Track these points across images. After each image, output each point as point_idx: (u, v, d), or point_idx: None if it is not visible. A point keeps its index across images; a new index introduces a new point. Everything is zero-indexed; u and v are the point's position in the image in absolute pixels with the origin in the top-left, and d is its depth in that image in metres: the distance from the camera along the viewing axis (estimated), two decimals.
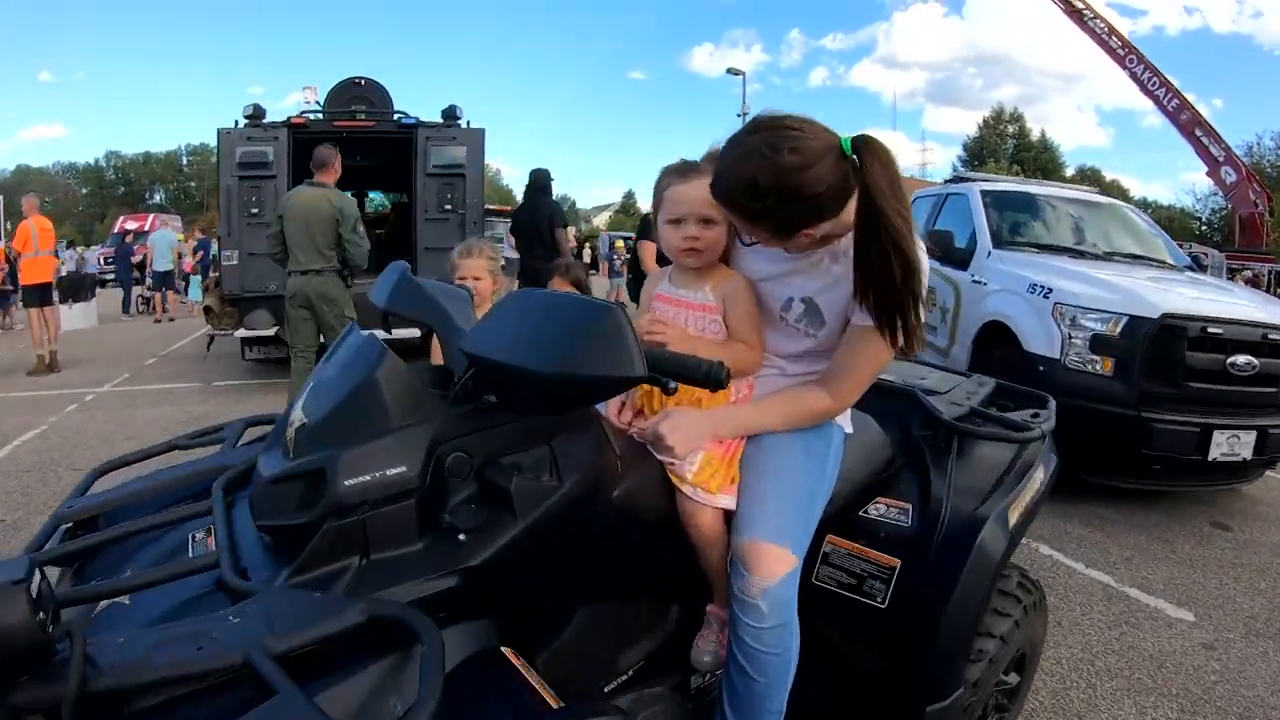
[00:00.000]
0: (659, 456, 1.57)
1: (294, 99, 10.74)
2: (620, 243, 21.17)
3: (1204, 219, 47.96)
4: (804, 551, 1.59)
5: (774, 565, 1.51)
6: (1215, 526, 4.92)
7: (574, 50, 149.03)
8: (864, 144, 1.43)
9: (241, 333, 8.23)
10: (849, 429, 1.81)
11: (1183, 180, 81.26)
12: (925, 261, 1.52)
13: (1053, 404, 2.26)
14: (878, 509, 1.90)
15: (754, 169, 1.40)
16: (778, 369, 1.74)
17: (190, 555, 1.29)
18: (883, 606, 1.80)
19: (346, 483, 1.14)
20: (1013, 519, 1.85)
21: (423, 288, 1.54)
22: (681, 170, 1.70)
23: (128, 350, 11.45)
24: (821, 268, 1.64)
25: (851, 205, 1.47)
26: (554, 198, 7.86)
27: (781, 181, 1.39)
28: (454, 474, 1.25)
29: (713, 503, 1.58)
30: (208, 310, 8.57)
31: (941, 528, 1.79)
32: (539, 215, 7.58)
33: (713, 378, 1.24)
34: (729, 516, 1.61)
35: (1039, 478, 2.02)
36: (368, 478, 1.15)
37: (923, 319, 1.51)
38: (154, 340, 12.68)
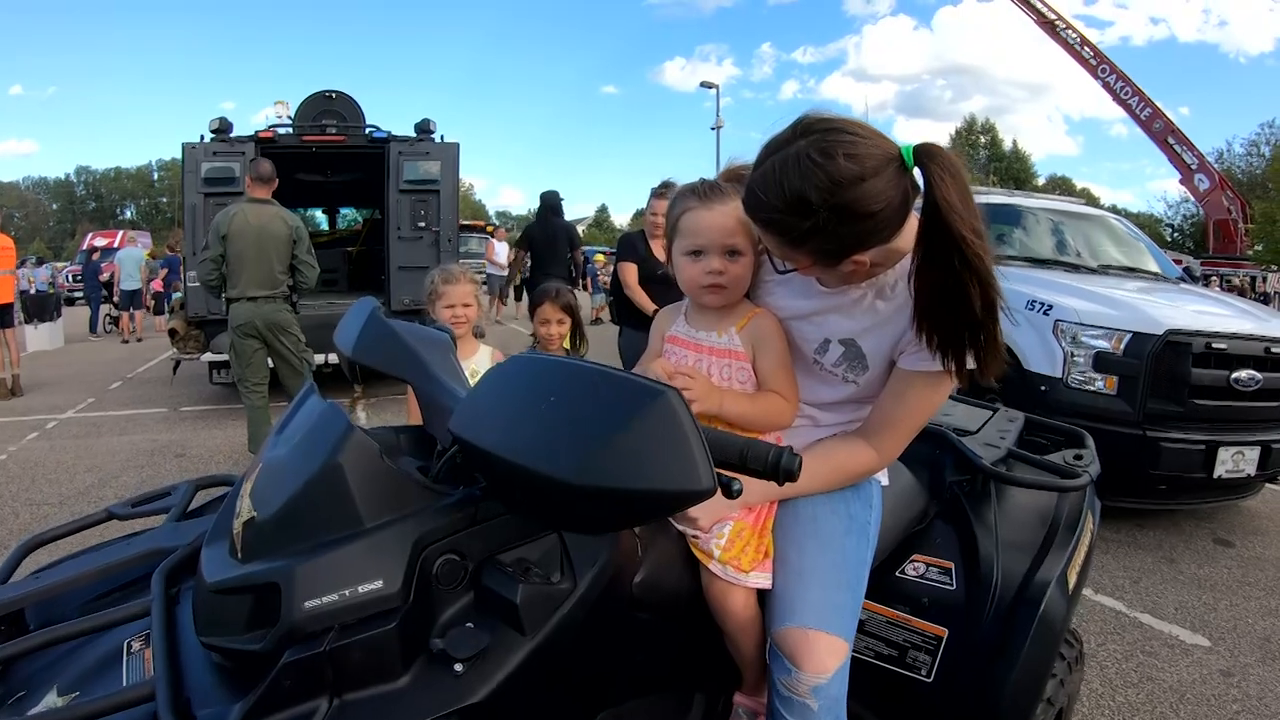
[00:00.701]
0: (680, 528, 1.37)
1: (266, 114, 10.51)
2: (600, 256, 21.01)
3: (1176, 226, 48.64)
4: (854, 634, 1.38)
5: (824, 658, 1.29)
6: (1218, 543, 4.84)
7: (547, 65, 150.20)
8: (929, 153, 1.21)
9: (208, 357, 7.90)
10: (885, 481, 1.60)
11: (1151, 188, 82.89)
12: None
13: (1091, 442, 2.07)
14: (916, 568, 1.70)
15: (802, 180, 1.18)
16: (809, 419, 1.52)
17: (125, 670, 1.06)
18: (928, 680, 1.60)
19: (307, 605, 0.91)
20: (1072, 580, 1.65)
21: (396, 333, 1.31)
22: (701, 192, 1.46)
23: (93, 373, 11.09)
24: (864, 305, 1.42)
25: (907, 230, 1.27)
26: (563, 216, 8.39)
27: (836, 196, 1.17)
28: (444, 583, 1.01)
29: (745, 583, 1.36)
30: (172, 333, 8.26)
31: (994, 594, 1.59)
32: (554, 235, 7.93)
33: (785, 469, 0.99)
34: (762, 594, 1.40)
35: (1090, 529, 1.83)
36: (334, 597, 0.92)
37: (1002, 347, 1.30)
38: (121, 362, 12.29)
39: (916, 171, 1.23)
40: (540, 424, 0.86)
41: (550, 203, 8.26)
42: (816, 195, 1.17)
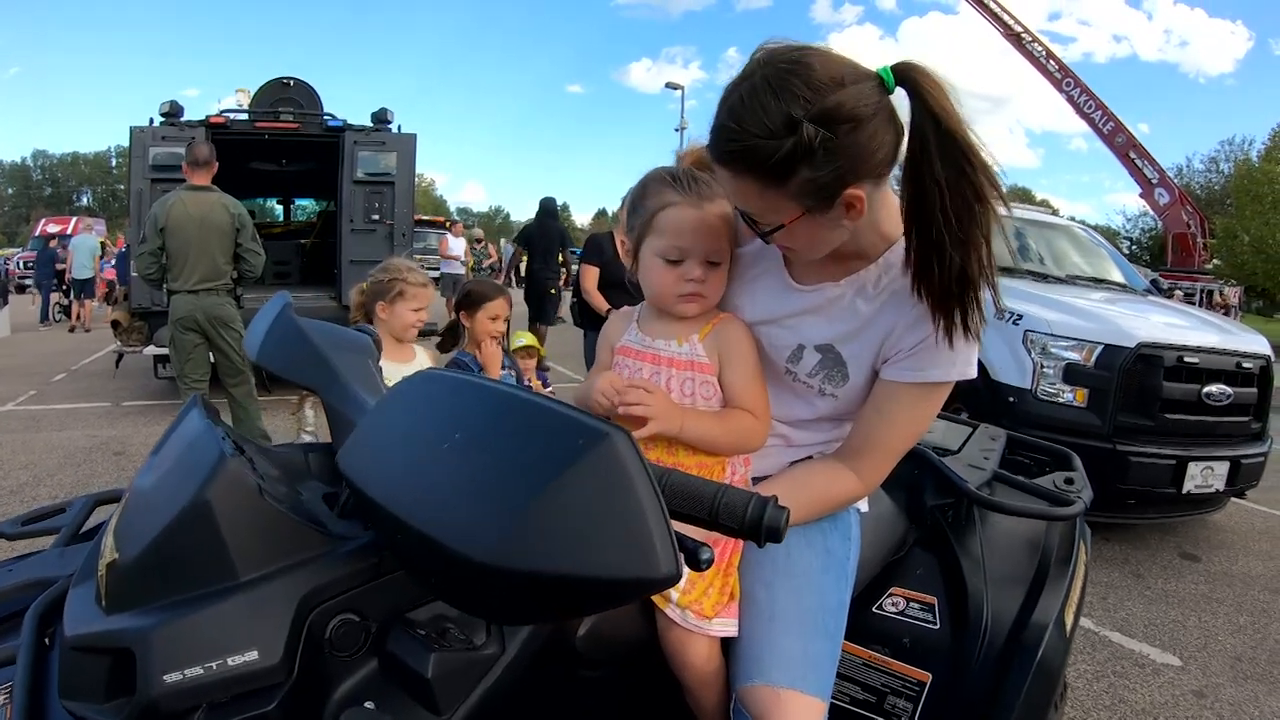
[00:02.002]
0: None
1: (229, 103, 10.26)
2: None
3: (1134, 239, 49.62)
4: (831, 690, 1.20)
5: None
6: (1184, 558, 4.81)
7: (513, 62, 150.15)
8: (912, 67, 1.07)
9: (151, 350, 7.60)
10: (864, 508, 1.43)
11: (1108, 201, 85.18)
12: None
13: (1080, 464, 1.92)
14: (895, 604, 1.53)
15: (778, 95, 1.02)
16: (781, 438, 1.35)
17: None
18: None
19: (166, 678, 0.73)
20: (1069, 621, 1.50)
21: (306, 335, 1.12)
22: (685, 185, 1.26)
23: (37, 364, 10.72)
24: (842, 305, 1.25)
25: (890, 211, 1.15)
26: (559, 220, 9.96)
27: (819, 102, 1.01)
28: (340, 649, 0.83)
29: (707, 630, 1.18)
30: (115, 324, 7.93)
31: (984, 635, 1.43)
32: (550, 236, 9.19)
33: (768, 528, 0.79)
34: (727, 643, 1.22)
35: (1084, 560, 1.68)
36: (199, 670, 0.74)
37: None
38: (67, 353, 11.90)
39: (900, 99, 1.08)
40: (440, 471, 0.66)
41: (548, 208, 9.58)
42: (799, 107, 1.01)
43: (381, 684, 0.85)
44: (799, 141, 1.02)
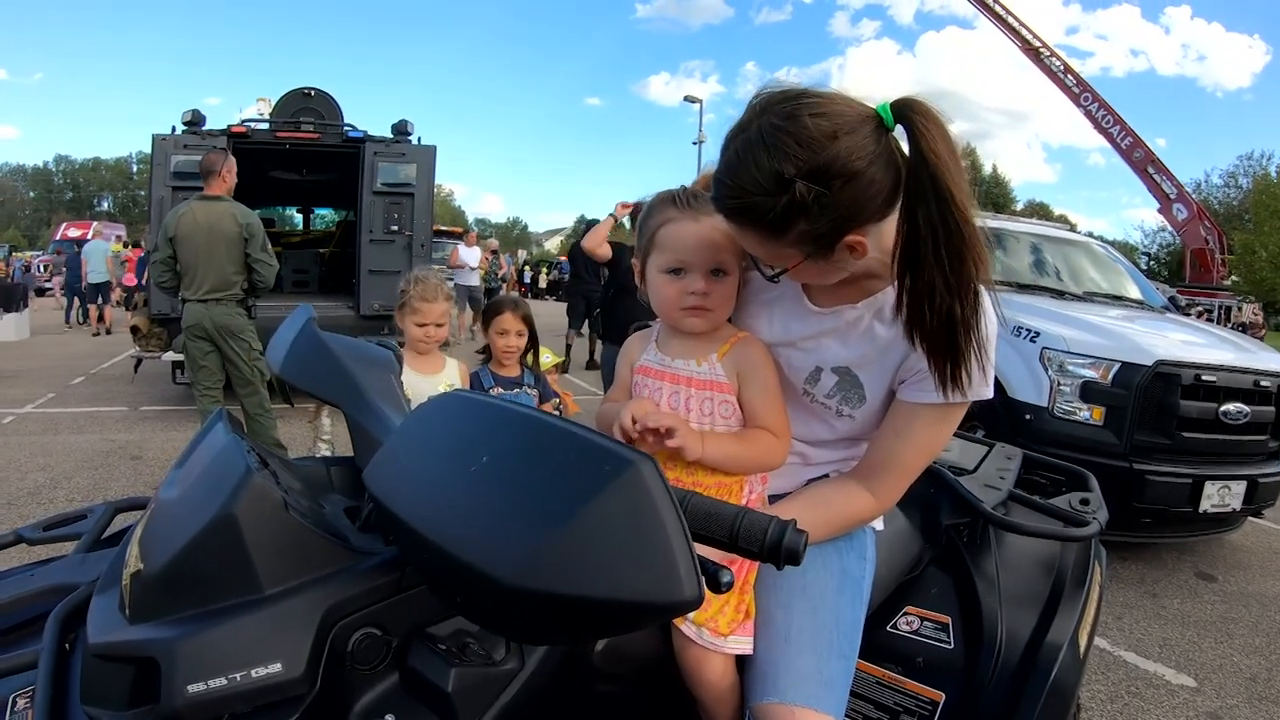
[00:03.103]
0: None
1: (250, 112, 10.35)
2: None
3: (1152, 255, 49.32)
4: (844, 709, 1.21)
5: None
6: (1200, 577, 4.77)
7: (533, 75, 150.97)
8: (910, 105, 1.05)
9: (170, 356, 7.65)
10: (880, 526, 1.44)
11: (1126, 216, 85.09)
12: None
13: (1096, 484, 1.92)
14: (909, 622, 1.54)
15: (770, 152, 1.03)
16: (799, 457, 1.36)
17: None
18: None
19: (190, 689, 0.74)
20: (1083, 643, 1.50)
21: (330, 350, 1.13)
22: (683, 201, 1.27)
23: (57, 367, 10.85)
24: (860, 328, 1.25)
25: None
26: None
27: (811, 159, 1.01)
28: (361, 663, 0.83)
29: (723, 648, 1.19)
30: (135, 330, 8.00)
31: (998, 655, 1.43)
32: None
33: (787, 550, 0.79)
34: (741, 660, 1.23)
35: (1098, 582, 1.68)
36: (222, 681, 0.75)
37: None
38: (87, 356, 12.04)
39: (900, 133, 1.07)
40: (466, 492, 0.67)
41: (591, 224, 10.16)
42: (790, 165, 1.02)
43: (402, 697, 0.86)
44: (792, 199, 1.03)
